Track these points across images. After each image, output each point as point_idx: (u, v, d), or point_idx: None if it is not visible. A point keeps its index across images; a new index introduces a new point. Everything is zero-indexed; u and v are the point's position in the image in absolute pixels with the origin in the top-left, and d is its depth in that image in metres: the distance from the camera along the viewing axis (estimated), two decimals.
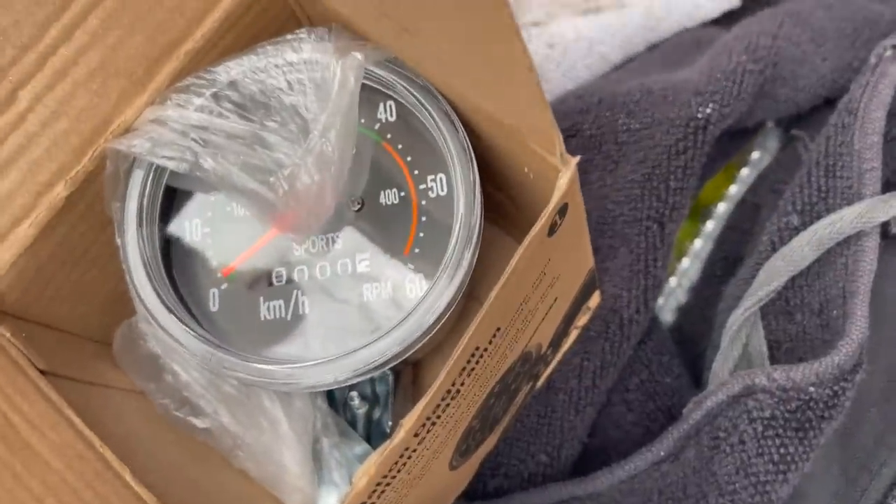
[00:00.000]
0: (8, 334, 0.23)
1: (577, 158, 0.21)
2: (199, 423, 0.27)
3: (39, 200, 0.24)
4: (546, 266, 0.23)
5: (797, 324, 0.30)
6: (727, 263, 0.38)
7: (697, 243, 0.40)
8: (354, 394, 0.30)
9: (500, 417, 0.30)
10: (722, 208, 0.40)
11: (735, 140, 0.38)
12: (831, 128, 0.33)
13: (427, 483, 0.26)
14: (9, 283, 0.24)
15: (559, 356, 0.33)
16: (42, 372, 0.24)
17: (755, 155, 0.41)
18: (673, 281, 0.40)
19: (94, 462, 0.21)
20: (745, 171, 0.41)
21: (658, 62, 0.37)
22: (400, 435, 0.20)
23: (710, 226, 0.40)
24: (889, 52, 0.34)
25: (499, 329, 0.22)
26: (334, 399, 0.30)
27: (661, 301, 0.39)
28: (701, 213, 0.41)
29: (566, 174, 0.21)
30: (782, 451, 0.27)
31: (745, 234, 0.36)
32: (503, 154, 0.25)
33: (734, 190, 0.41)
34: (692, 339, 0.37)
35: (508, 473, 0.33)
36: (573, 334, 0.33)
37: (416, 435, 0.21)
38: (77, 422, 0.22)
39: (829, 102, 0.36)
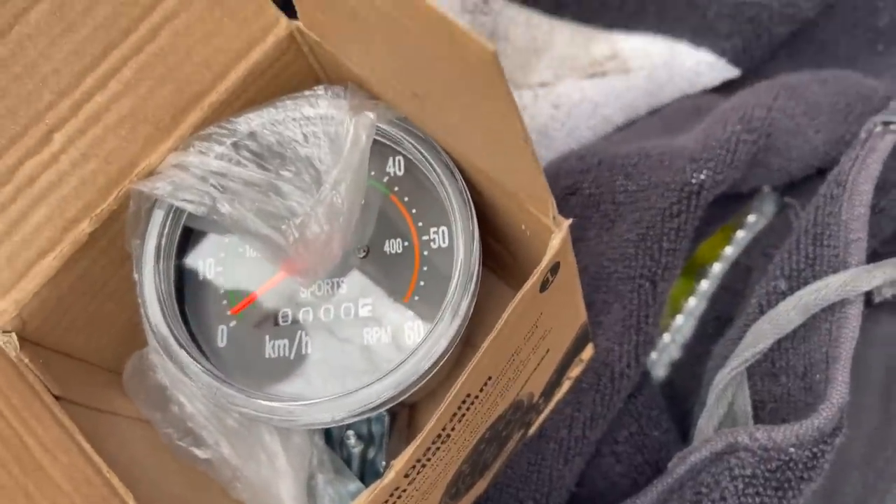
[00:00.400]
0: (27, 360, 0.25)
1: (570, 221, 0.23)
2: (200, 453, 0.28)
3: (65, 235, 0.26)
4: (538, 320, 0.25)
5: (782, 385, 0.31)
6: (719, 323, 0.39)
7: (692, 301, 0.41)
8: (351, 433, 0.31)
9: (490, 463, 0.31)
10: (717, 268, 0.42)
11: (732, 203, 0.40)
12: (821, 198, 0.34)
13: None
14: (30, 312, 0.26)
15: (551, 405, 0.34)
16: (56, 398, 0.25)
17: (751, 218, 0.42)
18: (667, 337, 0.41)
19: (101, 487, 0.23)
20: (740, 234, 0.42)
21: (658, 126, 0.39)
22: (390, 475, 0.21)
23: (705, 285, 0.42)
24: (879, 128, 0.35)
25: (490, 378, 0.23)
26: (331, 437, 0.31)
27: (654, 356, 0.40)
28: (697, 271, 0.42)
29: (559, 235, 0.22)
30: None
31: (736, 295, 0.37)
32: (502, 211, 0.26)
33: (729, 251, 0.42)
34: (683, 395, 0.38)
35: None
36: (566, 385, 0.34)
37: (406, 476, 0.22)
38: (87, 447, 0.23)
39: (822, 172, 0.38)
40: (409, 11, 0.18)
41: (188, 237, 0.28)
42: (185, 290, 0.27)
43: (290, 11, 0.27)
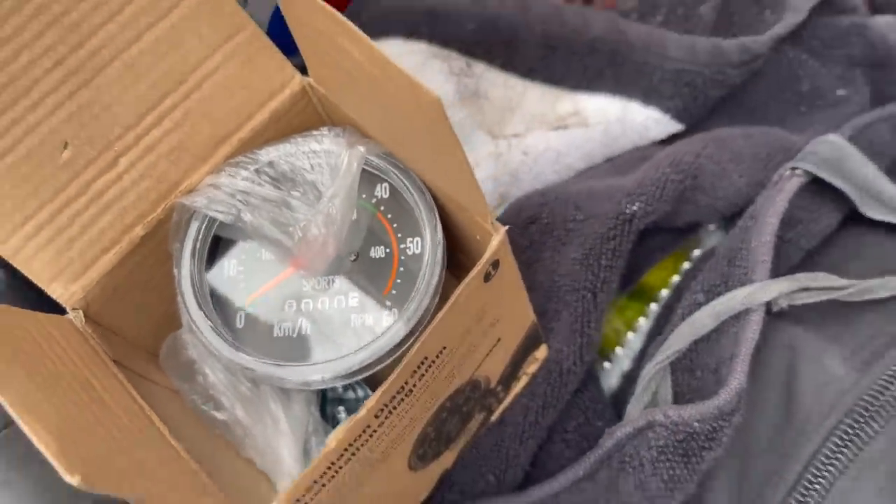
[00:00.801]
0: (90, 330, 0.32)
1: (506, 228, 0.30)
2: (219, 415, 0.35)
3: (123, 237, 0.33)
4: (485, 305, 0.32)
5: (698, 379, 0.38)
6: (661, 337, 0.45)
7: (642, 321, 0.48)
8: (342, 408, 0.38)
9: (454, 436, 0.37)
10: (664, 294, 0.49)
11: (677, 236, 0.47)
12: (737, 228, 0.41)
13: (388, 471, 0.33)
14: (93, 297, 0.33)
15: (511, 397, 0.41)
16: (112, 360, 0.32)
17: (696, 252, 0.49)
18: (620, 351, 0.48)
19: (144, 419, 0.30)
20: (686, 265, 0.49)
21: (611, 171, 0.47)
22: (362, 413, 0.28)
23: (654, 307, 0.48)
24: (788, 172, 0.42)
25: (445, 347, 0.30)
26: (325, 412, 0.38)
27: (608, 366, 0.47)
28: (652, 296, 0.49)
29: (497, 237, 0.30)
30: (671, 472, 0.35)
31: (672, 312, 0.44)
32: (461, 225, 0.34)
33: (676, 279, 0.49)
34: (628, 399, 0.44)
35: (462, 490, 0.40)
36: (523, 380, 0.41)
37: (376, 416, 0.29)
38: (134, 393, 0.30)
39: None
40: (380, 70, 0.26)
41: (217, 243, 0.35)
42: (213, 283, 0.35)
43: (304, 69, 0.35)
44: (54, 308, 0.32)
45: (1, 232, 0.31)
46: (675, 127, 0.49)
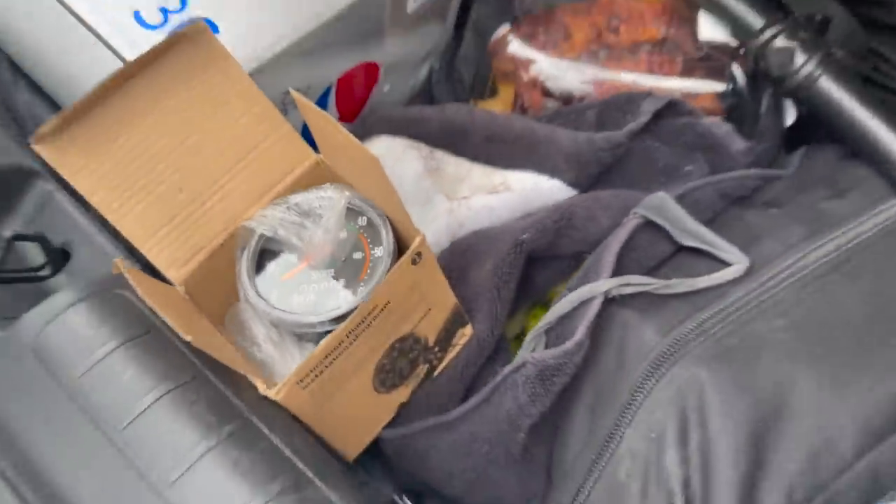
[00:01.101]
0: (188, 298, 0.56)
1: (423, 234, 0.53)
2: (258, 355, 0.57)
3: (209, 244, 0.57)
4: (415, 282, 0.54)
5: (559, 339, 0.59)
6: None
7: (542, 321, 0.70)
8: None
9: (405, 374, 0.59)
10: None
11: (571, 265, 0.69)
12: (595, 252, 0.64)
13: (359, 385, 0.55)
14: (190, 279, 0.57)
15: (447, 359, 0.62)
16: None
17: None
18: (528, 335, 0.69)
19: (221, 339, 0.53)
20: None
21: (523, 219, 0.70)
22: (338, 331, 0.51)
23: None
24: (631, 216, 0.65)
25: (389, 302, 0.53)
26: None
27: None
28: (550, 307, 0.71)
29: (418, 238, 0.53)
30: (533, 391, 0.56)
31: None
32: (404, 236, 0.57)
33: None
34: None
35: (411, 418, 0.61)
36: (457, 348, 0.63)
37: (347, 336, 0.51)
38: (221, 337, 0.53)
39: None
40: (354, 149, 0.50)
41: (263, 252, 0.59)
42: (258, 273, 0.58)
43: (317, 149, 0.60)
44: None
45: (142, 237, 0.55)
46: (571, 192, 0.72)
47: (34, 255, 0.56)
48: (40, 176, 0.58)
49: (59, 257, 0.56)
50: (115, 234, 0.57)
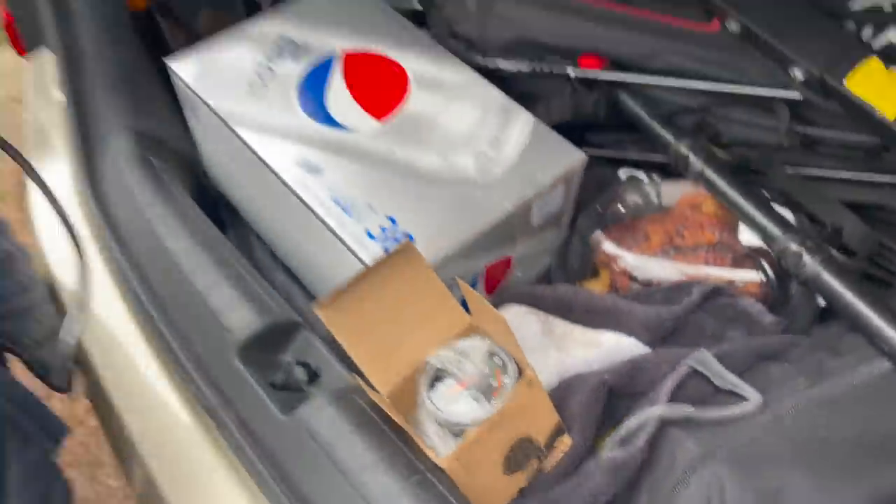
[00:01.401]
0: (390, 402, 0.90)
1: (534, 369, 0.85)
2: (428, 442, 0.89)
3: (404, 371, 0.92)
4: (529, 400, 0.86)
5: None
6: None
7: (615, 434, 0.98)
8: None
9: (523, 465, 0.89)
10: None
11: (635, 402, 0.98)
12: (654, 390, 0.93)
13: (491, 466, 0.86)
14: (390, 393, 0.91)
15: (551, 457, 0.92)
16: None
17: None
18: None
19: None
20: None
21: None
22: (479, 429, 0.82)
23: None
24: (683, 365, 0.94)
25: (511, 412, 0.85)
26: None
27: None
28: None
29: (528, 371, 0.85)
30: (607, 480, 0.84)
31: None
32: (525, 373, 0.89)
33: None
34: None
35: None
36: (557, 450, 0.92)
37: (483, 434, 0.83)
38: None
39: None
40: (489, 313, 0.84)
41: (436, 378, 0.93)
42: (432, 390, 0.91)
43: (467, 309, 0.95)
44: None
45: (368, 366, 0.90)
46: (645, 349, 1.02)
47: (297, 372, 0.92)
48: (303, 326, 0.95)
49: (314, 376, 0.91)
50: (347, 364, 0.92)
